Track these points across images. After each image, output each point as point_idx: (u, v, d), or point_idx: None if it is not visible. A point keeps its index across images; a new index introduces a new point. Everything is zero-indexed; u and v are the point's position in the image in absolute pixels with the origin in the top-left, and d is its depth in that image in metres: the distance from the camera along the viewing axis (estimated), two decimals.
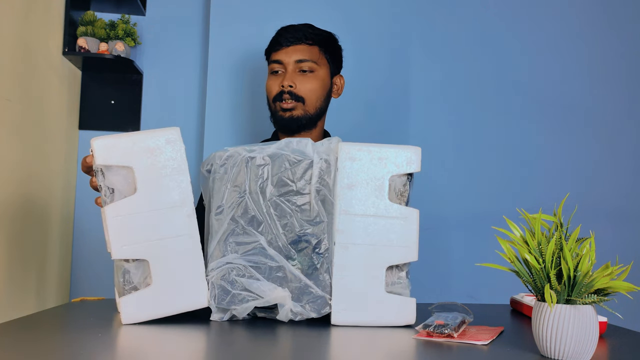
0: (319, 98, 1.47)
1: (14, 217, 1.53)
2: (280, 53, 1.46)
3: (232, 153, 0.96)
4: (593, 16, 2.14)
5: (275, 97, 1.45)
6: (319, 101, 1.47)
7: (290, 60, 1.45)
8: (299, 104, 1.44)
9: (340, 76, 1.56)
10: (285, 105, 1.43)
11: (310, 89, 1.45)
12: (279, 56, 1.46)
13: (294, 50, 1.46)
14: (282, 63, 1.46)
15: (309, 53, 1.46)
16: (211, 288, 0.94)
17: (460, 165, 2.06)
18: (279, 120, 1.46)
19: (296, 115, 1.44)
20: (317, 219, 0.94)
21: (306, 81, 1.45)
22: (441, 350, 0.79)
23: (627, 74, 2.15)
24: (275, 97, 1.45)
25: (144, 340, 0.84)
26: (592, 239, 0.76)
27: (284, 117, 1.44)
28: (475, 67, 2.08)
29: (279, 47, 1.47)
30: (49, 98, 1.78)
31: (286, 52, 1.46)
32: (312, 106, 1.46)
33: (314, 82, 1.46)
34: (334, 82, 1.53)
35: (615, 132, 2.13)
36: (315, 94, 1.46)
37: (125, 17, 2.03)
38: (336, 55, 1.53)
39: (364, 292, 0.94)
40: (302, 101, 1.44)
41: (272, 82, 1.47)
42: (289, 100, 1.43)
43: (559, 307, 0.73)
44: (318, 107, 1.47)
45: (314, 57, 1.47)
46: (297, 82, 1.44)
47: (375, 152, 0.95)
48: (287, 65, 1.45)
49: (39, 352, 0.76)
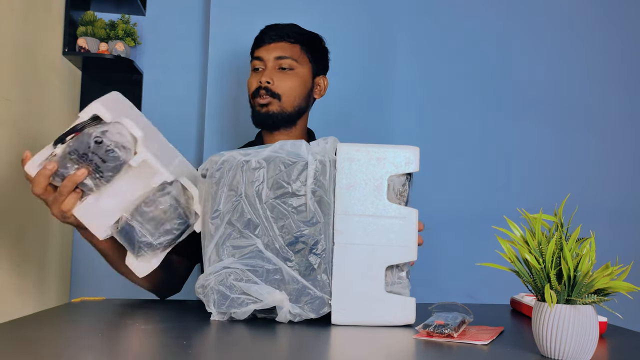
0: (297, 96, 1.45)
1: (14, 217, 1.53)
2: (262, 50, 1.46)
3: (228, 157, 0.96)
4: (593, 16, 2.14)
5: (253, 93, 1.45)
6: (297, 99, 1.45)
7: (270, 56, 1.45)
8: (274, 100, 1.43)
9: (323, 77, 1.54)
10: (261, 100, 1.43)
11: (287, 86, 1.43)
12: (260, 53, 1.46)
13: (275, 47, 1.45)
14: (262, 60, 1.46)
15: (290, 50, 1.45)
16: (210, 293, 0.94)
17: (461, 165, 2.06)
18: (255, 115, 1.45)
19: (272, 111, 1.42)
20: (314, 220, 0.94)
21: (285, 78, 1.44)
22: (441, 350, 0.79)
23: (628, 74, 2.15)
24: (254, 93, 1.45)
25: (144, 340, 0.84)
26: (592, 239, 0.76)
27: (260, 112, 1.43)
28: (476, 67, 2.08)
29: (261, 44, 1.47)
30: (49, 98, 1.78)
31: (267, 49, 1.46)
32: (290, 104, 1.44)
33: (293, 79, 1.44)
34: (316, 82, 1.51)
35: (615, 132, 2.13)
36: (293, 92, 1.44)
37: (125, 17, 2.03)
38: (320, 55, 1.52)
39: (364, 292, 0.94)
40: (279, 98, 1.43)
41: (252, 79, 1.47)
42: (265, 96, 1.42)
43: (559, 307, 0.73)
44: (296, 106, 1.45)
45: (294, 55, 1.45)
46: (276, 78, 1.43)
47: (373, 153, 0.95)
48: (267, 61, 1.45)
49: (39, 352, 0.76)
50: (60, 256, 1.93)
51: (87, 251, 2.05)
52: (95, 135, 0.95)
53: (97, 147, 0.95)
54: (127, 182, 1.00)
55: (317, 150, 0.97)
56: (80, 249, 2.04)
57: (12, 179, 1.52)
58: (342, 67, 1.79)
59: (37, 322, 0.91)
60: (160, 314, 1.02)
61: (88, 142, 0.95)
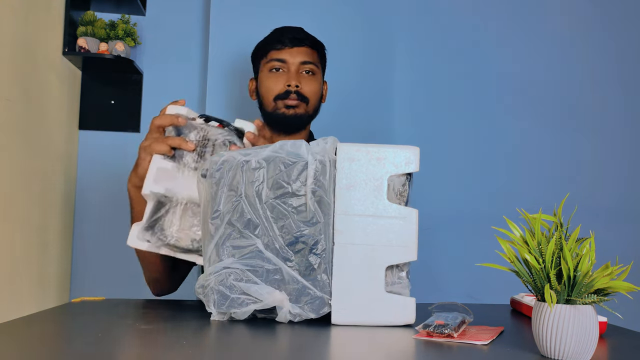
0: (317, 100, 1.50)
1: (14, 217, 1.53)
2: (283, 52, 1.47)
3: (228, 157, 0.97)
4: (593, 16, 2.14)
5: (278, 95, 1.45)
6: (317, 103, 1.50)
7: (295, 60, 1.46)
8: (302, 103, 1.45)
9: (325, 82, 1.58)
10: (290, 102, 1.44)
11: (313, 91, 1.47)
12: (281, 55, 1.47)
13: (299, 52, 1.47)
14: (285, 62, 1.46)
15: (312, 56, 1.49)
16: (210, 293, 0.94)
17: (461, 165, 2.06)
18: (280, 118, 1.45)
19: (299, 114, 1.45)
20: (314, 220, 0.94)
21: (310, 82, 1.47)
22: (441, 350, 0.79)
23: (627, 73, 2.15)
24: (279, 96, 1.45)
25: (144, 340, 0.84)
26: (592, 239, 0.76)
27: (286, 114, 1.45)
28: (476, 67, 2.08)
29: (282, 47, 1.47)
30: (49, 98, 1.78)
31: (290, 52, 1.47)
32: (312, 107, 1.48)
33: (316, 84, 1.48)
34: (323, 87, 1.56)
35: (614, 132, 2.13)
36: (316, 96, 1.49)
37: (125, 17, 2.03)
38: (325, 62, 1.57)
39: (364, 292, 0.94)
40: (307, 102, 1.46)
41: (274, 80, 1.47)
42: (295, 99, 1.44)
43: (559, 307, 0.73)
44: (316, 108, 1.50)
45: (315, 61, 1.49)
46: (302, 83, 1.46)
47: (373, 153, 0.95)
48: (290, 65, 1.46)
49: (39, 352, 0.76)
50: (60, 256, 1.93)
51: (87, 251, 2.06)
52: (226, 140, 1.09)
53: (217, 147, 1.07)
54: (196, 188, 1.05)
55: (317, 150, 0.97)
56: (80, 249, 2.04)
57: (12, 179, 1.52)
58: (341, 68, 1.80)
59: (37, 322, 0.91)
60: (160, 314, 1.02)
61: (217, 139, 1.08)
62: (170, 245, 1.04)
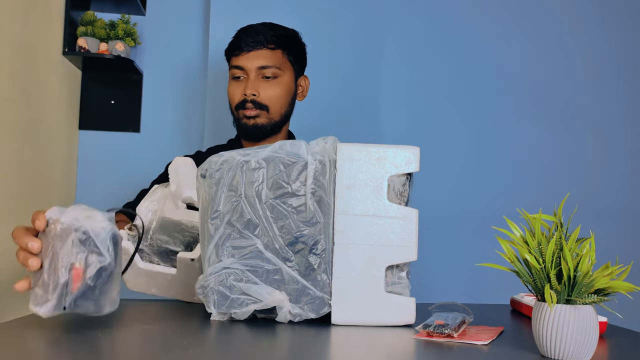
0: (283, 105, 1.42)
1: (14, 217, 1.53)
2: (241, 58, 1.40)
3: (227, 158, 0.96)
4: (592, 16, 2.14)
5: (238, 104, 1.41)
6: (283, 108, 1.42)
7: (252, 66, 1.39)
8: (262, 112, 1.39)
9: (304, 77, 1.50)
10: (248, 113, 1.39)
11: (274, 96, 1.40)
12: (239, 62, 1.40)
13: (256, 56, 1.39)
14: (243, 69, 1.40)
15: (272, 58, 1.40)
16: (210, 294, 0.94)
17: (461, 165, 2.06)
18: (243, 128, 1.41)
19: (260, 123, 1.40)
20: (314, 220, 0.94)
21: (269, 88, 1.40)
22: (441, 350, 0.79)
23: (627, 73, 2.15)
24: (238, 105, 1.41)
25: (144, 340, 0.84)
26: (592, 239, 0.76)
27: (247, 125, 1.40)
28: (476, 66, 2.08)
29: (239, 52, 1.41)
30: (49, 98, 1.78)
31: (247, 57, 1.39)
32: (277, 113, 1.41)
33: (278, 88, 1.40)
34: (298, 84, 1.48)
35: (614, 132, 2.13)
36: (279, 101, 1.41)
37: (125, 17, 2.03)
38: (300, 55, 1.47)
39: (364, 292, 0.94)
40: (266, 109, 1.40)
41: (234, 89, 1.42)
42: (252, 109, 1.39)
43: (559, 307, 0.72)
44: (283, 114, 1.43)
45: (277, 63, 1.40)
46: (261, 89, 1.39)
47: (373, 153, 0.95)
48: (249, 71, 1.39)
49: (39, 352, 0.76)
50: None
51: None
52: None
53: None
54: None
55: (317, 150, 0.97)
56: None
57: (12, 179, 1.52)
58: (334, 68, 1.80)
59: (37, 322, 0.91)
60: (161, 314, 1.02)
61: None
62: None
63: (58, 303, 0.79)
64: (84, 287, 0.80)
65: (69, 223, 0.81)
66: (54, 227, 0.81)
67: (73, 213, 0.82)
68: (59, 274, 0.78)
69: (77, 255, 0.79)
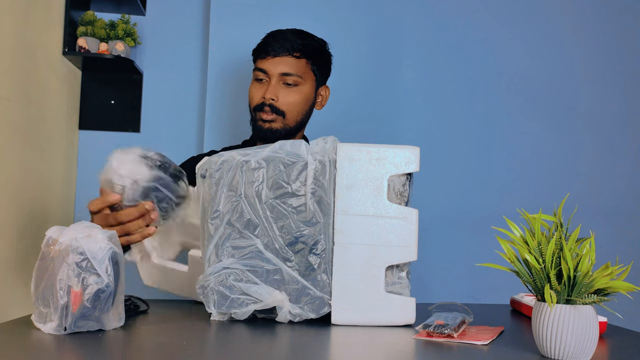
0: (300, 112, 1.44)
1: (14, 217, 1.53)
2: (266, 62, 1.42)
3: (227, 158, 0.96)
4: (592, 16, 2.14)
5: (256, 106, 1.42)
6: (299, 115, 1.44)
7: (275, 71, 1.40)
8: (279, 117, 1.41)
9: (325, 87, 1.51)
10: (265, 116, 1.40)
11: (292, 103, 1.41)
12: (264, 65, 1.42)
13: (280, 62, 1.41)
14: (266, 72, 1.42)
15: (295, 66, 1.41)
16: (210, 293, 0.94)
17: (461, 165, 2.06)
18: (257, 129, 1.43)
19: (275, 128, 1.41)
20: (313, 220, 0.94)
21: (289, 95, 1.41)
22: (441, 350, 0.79)
23: (627, 73, 2.15)
24: (257, 107, 1.42)
25: (144, 340, 0.84)
26: (592, 239, 0.76)
27: (262, 127, 1.41)
28: (476, 67, 2.08)
29: (265, 56, 1.42)
30: (49, 98, 1.78)
31: (272, 62, 1.41)
32: (293, 120, 1.43)
33: (297, 96, 1.42)
34: (318, 93, 1.49)
35: (615, 132, 2.13)
36: (296, 108, 1.42)
37: (125, 17, 2.03)
38: (324, 65, 1.49)
39: (364, 292, 0.94)
40: (283, 115, 1.41)
41: (255, 90, 1.43)
42: (270, 113, 1.40)
43: (559, 307, 0.73)
44: (298, 121, 1.44)
45: (299, 71, 1.42)
46: (280, 95, 1.40)
47: (373, 153, 0.95)
48: (271, 76, 1.41)
49: (39, 352, 0.76)
50: None
51: None
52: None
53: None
54: None
55: (317, 150, 0.97)
56: None
57: (12, 179, 1.52)
58: (343, 70, 1.79)
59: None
60: (161, 314, 1.02)
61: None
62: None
63: (59, 324, 0.81)
64: (83, 308, 0.81)
65: (67, 244, 0.82)
66: (53, 247, 0.83)
67: (72, 232, 0.84)
68: (57, 296, 0.80)
69: (74, 278, 0.81)
